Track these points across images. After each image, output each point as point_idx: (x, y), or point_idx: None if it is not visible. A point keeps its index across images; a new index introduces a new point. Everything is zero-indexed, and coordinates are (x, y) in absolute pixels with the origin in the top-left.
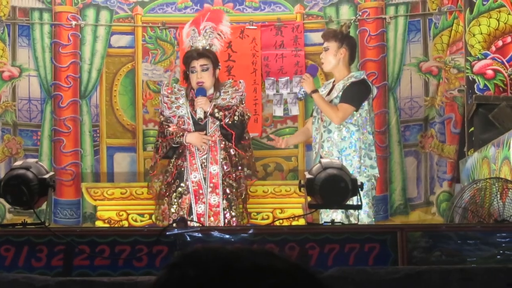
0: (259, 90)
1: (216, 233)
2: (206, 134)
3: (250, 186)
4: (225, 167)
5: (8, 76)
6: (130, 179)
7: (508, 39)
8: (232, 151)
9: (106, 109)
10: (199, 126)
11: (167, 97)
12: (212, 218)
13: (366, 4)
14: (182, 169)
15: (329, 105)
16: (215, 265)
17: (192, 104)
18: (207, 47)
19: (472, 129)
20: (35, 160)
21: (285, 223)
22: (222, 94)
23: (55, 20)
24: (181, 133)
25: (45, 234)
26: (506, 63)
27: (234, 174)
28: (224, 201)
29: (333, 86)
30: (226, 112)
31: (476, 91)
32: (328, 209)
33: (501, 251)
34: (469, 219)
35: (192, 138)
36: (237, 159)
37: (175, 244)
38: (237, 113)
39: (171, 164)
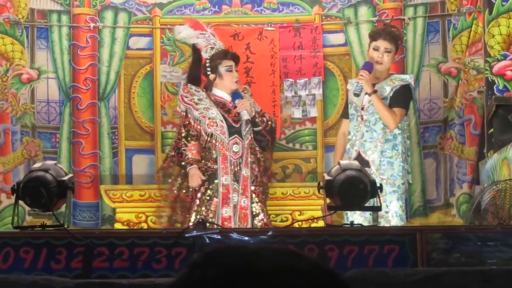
0: (277, 92)
1: (235, 235)
2: (241, 137)
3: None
4: (254, 171)
5: (27, 78)
6: (149, 181)
7: None
8: (261, 156)
9: (124, 111)
10: (234, 129)
11: (187, 97)
12: (242, 221)
13: (385, 5)
14: (213, 171)
15: (388, 109)
16: (236, 266)
17: (220, 107)
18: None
19: (491, 130)
20: (54, 162)
21: (304, 225)
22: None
23: (74, 22)
24: (192, 163)
25: (64, 236)
26: None
27: (264, 178)
28: (260, 204)
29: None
30: (264, 118)
31: (496, 92)
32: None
33: None
34: (489, 220)
35: (193, 171)
36: (265, 164)
37: (194, 246)
38: (272, 120)
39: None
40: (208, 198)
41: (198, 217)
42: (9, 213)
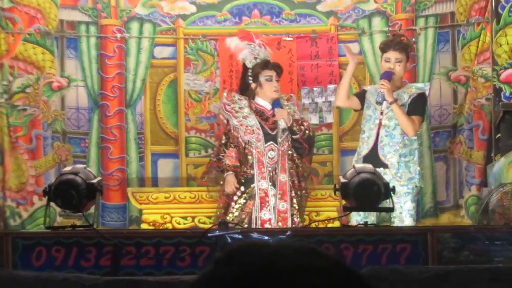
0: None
1: (255, 235)
2: (276, 144)
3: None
4: (293, 176)
5: (57, 86)
6: (173, 184)
7: None
8: (299, 162)
9: (150, 117)
10: (270, 136)
11: (229, 105)
12: (280, 224)
13: (397, 16)
14: (249, 176)
15: (407, 117)
16: (256, 265)
17: (258, 115)
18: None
19: (499, 135)
20: (83, 166)
21: (321, 225)
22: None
23: (101, 32)
24: (229, 169)
25: (93, 236)
26: None
27: (303, 184)
28: (292, 207)
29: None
30: (302, 127)
31: (503, 99)
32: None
33: None
34: (497, 220)
35: (229, 178)
36: (303, 170)
37: (217, 245)
38: (311, 128)
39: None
40: (244, 201)
41: (234, 218)
42: (41, 214)
